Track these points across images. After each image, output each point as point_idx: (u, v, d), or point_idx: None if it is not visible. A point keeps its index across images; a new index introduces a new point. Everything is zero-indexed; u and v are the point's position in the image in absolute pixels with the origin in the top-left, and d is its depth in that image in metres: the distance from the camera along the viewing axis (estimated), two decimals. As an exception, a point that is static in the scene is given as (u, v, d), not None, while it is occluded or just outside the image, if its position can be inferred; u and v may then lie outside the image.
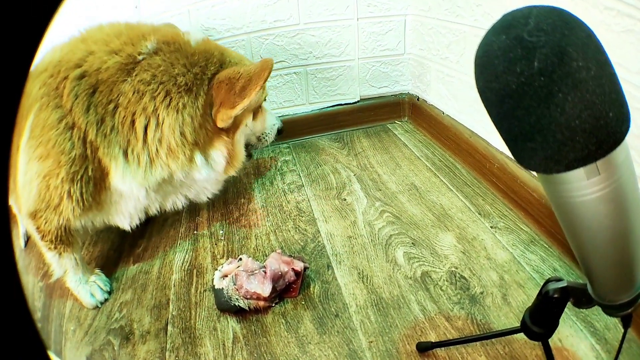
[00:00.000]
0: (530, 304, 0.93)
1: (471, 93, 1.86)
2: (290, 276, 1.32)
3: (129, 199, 1.35)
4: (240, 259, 1.37)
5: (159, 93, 1.22)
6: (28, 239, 1.79)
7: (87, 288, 1.45)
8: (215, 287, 1.33)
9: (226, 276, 1.34)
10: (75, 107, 1.18)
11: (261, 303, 1.30)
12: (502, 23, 0.58)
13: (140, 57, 1.23)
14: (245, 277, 1.30)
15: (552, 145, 0.57)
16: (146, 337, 1.29)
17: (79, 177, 1.22)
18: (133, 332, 1.30)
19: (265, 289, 1.28)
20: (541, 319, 0.90)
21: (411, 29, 2.28)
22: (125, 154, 1.24)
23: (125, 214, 1.40)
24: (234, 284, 1.30)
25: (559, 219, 0.69)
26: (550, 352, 0.94)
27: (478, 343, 1.15)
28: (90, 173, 1.23)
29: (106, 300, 1.44)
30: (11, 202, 1.51)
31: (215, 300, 1.35)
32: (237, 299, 1.29)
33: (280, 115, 2.32)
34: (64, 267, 1.43)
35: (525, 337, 0.95)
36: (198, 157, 1.31)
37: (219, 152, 1.35)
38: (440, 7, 1.98)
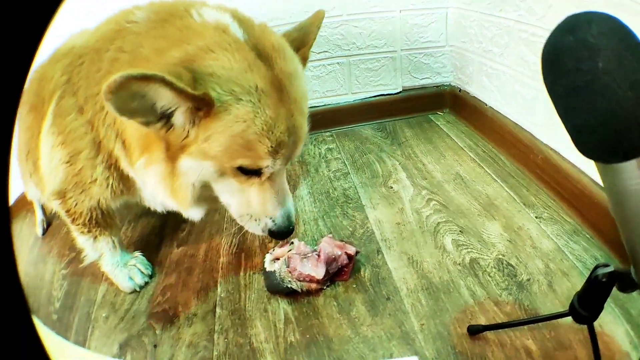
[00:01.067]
0: (574, 291, 0.96)
1: (515, 86, 1.88)
2: (343, 260, 1.36)
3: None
4: (292, 243, 1.41)
5: (122, 66, 1.02)
6: (48, 227, 1.78)
7: (126, 272, 1.43)
8: (267, 269, 1.36)
9: (277, 259, 1.37)
10: (80, 87, 1.12)
11: (313, 285, 1.33)
12: (567, 25, 0.65)
13: (127, 25, 1.08)
14: (299, 260, 1.33)
15: (613, 136, 0.64)
16: (192, 319, 1.31)
17: (97, 162, 1.17)
18: (178, 315, 1.32)
19: (319, 272, 1.31)
20: (589, 302, 0.93)
21: (453, 22, 2.30)
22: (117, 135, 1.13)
23: (150, 199, 1.30)
24: (287, 267, 1.33)
25: (611, 206, 0.74)
26: (595, 334, 0.98)
27: (526, 327, 1.18)
28: (105, 157, 1.16)
29: (146, 284, 1.45)
30: (29, 187, 1.52)
31: (265, 283, 1.38)
32: (289, 281, 1.32)
33: (323, 104, 2.37)
34: (100, 250, 1.40)
35: (570, 322, 0.99)
36: (141, 161, 1.09)
37: (153, 167, 1.07)
38: (482, 0, 2.01)
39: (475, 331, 1.18)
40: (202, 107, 0.93)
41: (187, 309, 1.35)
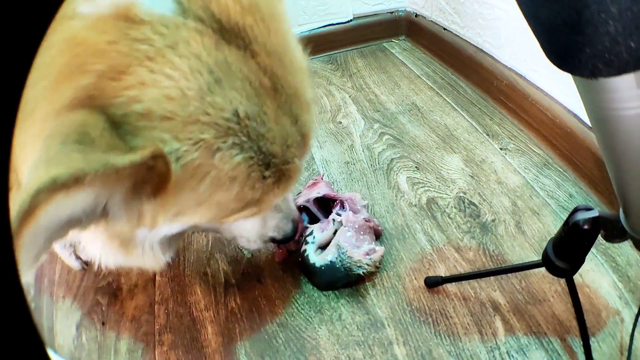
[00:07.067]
0: (546, 233, 0.84)
1: (475, 6, 1.72)
2: None
3: None
4: (334, 221, 1.11)
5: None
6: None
7: (71, 249, 1.28)
8: (316, 264, 1.06)
9: (322, 247, 1.09)
10: None
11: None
12: None
13: None
14: (360, 234, 1.08)
15: (603, 40, 0.46)
16: (134, 291, 1.19)
17: None
18: (121, 288, 1.21)
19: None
20: (567, 252, 0.81)
21: (407, -61, 2.11)
22: None
23: None
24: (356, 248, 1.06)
25: (597, 136, 0.59)
26: (575, 290, 0.86)
27: (492, 277, 1.05)
28: None
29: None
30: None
31: (321, 280, 1.08)
32: (359, 267, 1.03)
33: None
34: None
35: (544, 270, 0.87)
36: None
37: None
38: None
39: (433, 283, 1.05)
40: (150, 178, 0.54)
41: (129, 279, 1.23)
